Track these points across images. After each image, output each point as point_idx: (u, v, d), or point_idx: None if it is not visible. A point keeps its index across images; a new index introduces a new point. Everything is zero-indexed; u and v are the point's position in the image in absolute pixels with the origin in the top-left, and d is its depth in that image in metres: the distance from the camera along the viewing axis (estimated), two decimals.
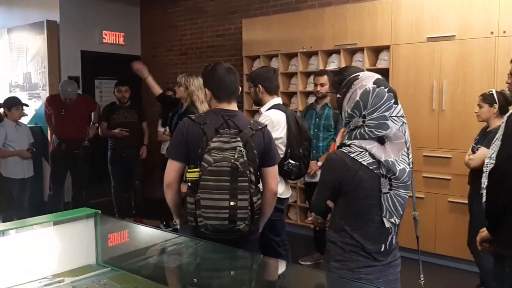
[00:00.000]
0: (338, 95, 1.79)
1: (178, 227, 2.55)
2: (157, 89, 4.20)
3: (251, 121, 2.31)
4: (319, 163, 3.92)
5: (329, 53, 4.91)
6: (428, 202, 4.20)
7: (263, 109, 3.15)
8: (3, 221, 4.06)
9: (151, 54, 7.14)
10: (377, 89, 1.68)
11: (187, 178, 2.17)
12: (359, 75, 1.76)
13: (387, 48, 4.45)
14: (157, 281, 1.90)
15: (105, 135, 5.54)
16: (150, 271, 2.05)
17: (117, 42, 6.95)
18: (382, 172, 1.66)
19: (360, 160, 1.66)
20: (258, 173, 2.28)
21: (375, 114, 1.66)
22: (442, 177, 4.14)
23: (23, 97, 6.45)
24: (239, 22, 5.86)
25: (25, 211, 4.64)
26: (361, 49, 4.63)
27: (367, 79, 1.71)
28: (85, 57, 6.56)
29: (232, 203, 2.06)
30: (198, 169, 2.10)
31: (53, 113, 5.21)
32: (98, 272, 2.00)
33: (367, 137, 1.67)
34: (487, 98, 3.34)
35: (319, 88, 4.07)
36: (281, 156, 3.00)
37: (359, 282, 1.61)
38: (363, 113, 1.68)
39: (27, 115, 5.74)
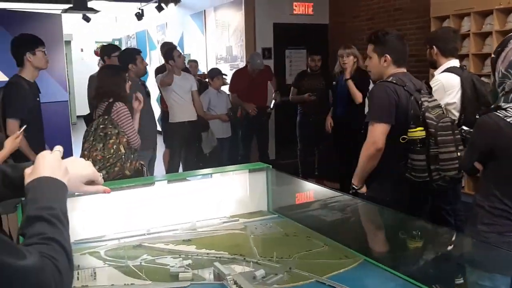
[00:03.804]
0: (492, 55, 1.70)
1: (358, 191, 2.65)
2: None
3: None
4: None
5: None
6: None
7: (437, 72, 3.04)
8: None
9: (338, 21, 7.27)
10: None
11: (410, 138, 2.25)
12: None
13: None
14: (316, 230, 2.13)
15: (295, 100, 5.97)
16: (312, 221, 2.29)
17: (306, 13, 7.28)
18: None
19: None
20: None
21: None
22: None
23: (225, 68, 7.37)
24: None
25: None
26: None
27: None
28: (277, 29, 7.08)
29: (458, 154, 2.24)
30: (421, 128, 2.22)
31: (240, 85, 5.85)
32: (266, 217, 2.35)
33: None
34: None
35: None
36: (455, 122, 2.89)
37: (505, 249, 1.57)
38: None
39: (227, 83, 6.57)
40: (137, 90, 4.13)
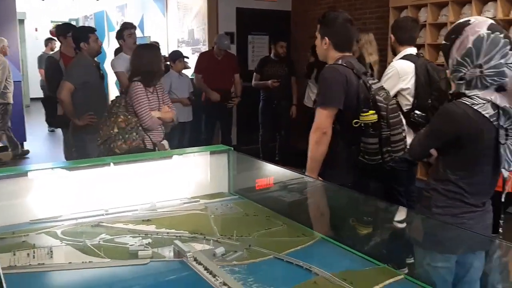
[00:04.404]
0: (444, 42, 1.77)
1: None
2: None
3: None
4: None
5: (484, 1, 4.49)
6: None
7: (394, 59, 3.14)
8: None
9: (301, 9, 7.31)
10: (492, 35, 1.62)
11: (362, 121, 2.23)
12: (470, 20, 1.70)
13: None
14: (274, 210, 2.18)
15: (258, 85, 5.98)
16: (272, 201, 2.33)
17: None
18: (500, 123, 1.64)
19: (483, 113, 1.65)
20: None
21: (492, 62, 1.62)
22: None
23: (187, 51, 7.27)
24: None
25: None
26: None
27: (480, 25, 1.65)
28: (240, 14, 7.05)
29: (403, 134, 2.30)
30: (373, 111, 2.22)
31: (205, 66, 5.81)
32: (227, 198, 2.37)
33: (488, 86, 1.64)
34: None
35: None
36: (408, 107, 2.99)
37: (459, 226, 1.66)
38: (479, 62, 1.64)
39: (190, 67, 6.50)
40: (89, 71, 4.04)
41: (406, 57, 3.07)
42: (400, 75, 2.99)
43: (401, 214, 1.95)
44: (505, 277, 1.57)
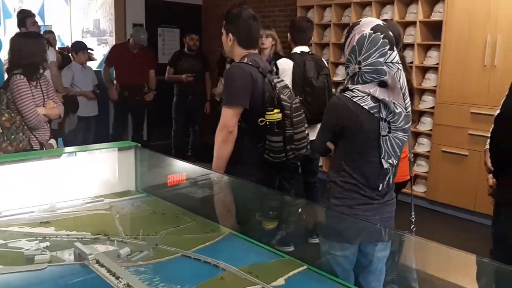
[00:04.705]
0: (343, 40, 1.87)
1: None
2: None
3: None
4: None
5: (383, 4, 4.80)
6: (471, 160, 4.14)
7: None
8: None
9: (212, 3, 7.28)
10: (373, 35, 1.73)
11: (268, 120, 2.24)
12: (360, 20, 1.82)
13: None
14: (185, 207, 2.16)
15: (171, 79, 5.83)
16: (181, 199, 2.31)
17: None
18: (381, 116, 1.74)
19: (362, 105, 1.74)
20: None
21: (370, 59, 1.72)
22: (488, 135, 4.03)
23: (93, 42, 6.93)
24: None
25: None
26: (416, 0, 4.49)
27: (367, 25, 1.76)
28: (149, 6, 6.84)
29: (307, 132, 2.35)
30: (277, 110, 2.23)
31: (119, 59, 5.59)
32: (134, 197, 2.30)
33: (369, 81, 1.75)
34: None
35: None
36: None
37: (355, 217, 1.76)
38: (358, 59, 1.74)
39: (95, 59, 6.19)
40: None
41: (291, 55, 3.27)
42: (281, 72, 3.16)
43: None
44: (407, 267, 1.69)
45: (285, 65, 3.29)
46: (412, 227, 2.45)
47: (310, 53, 3.43)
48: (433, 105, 4.49)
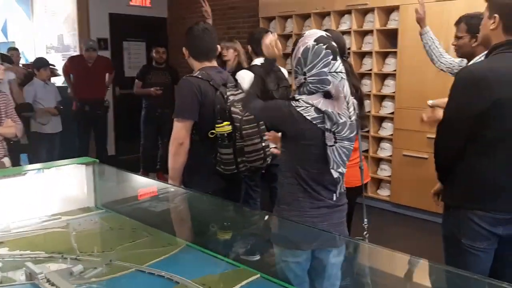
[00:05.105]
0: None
1: None
2: None
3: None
4: None
5: (341, 14, 4.93)
6: (431, 162, 4.24)
7: None
8: None
9: (177, 16, 7.32)
10: (316, 46, 1.79)
11: (218, 133, 2.29)
12: (304, 33, 1.89)
13: (397, 8, 4.43)
14: (143, 222, 2.16)
15: (140, 93, 5.80)
16: (139, 213, 2.32)
17: (144, 4, 7.16)
18: (326, 127, 1.79)
19: (305, 115, 1.79)
20: None
21: (314, 70, 1.78)
22: None
23: (57, 58, 6.86)
24: None
25: None
26: (372, 10, 4.63)
27: (310, 37, 1.83)
28: (113, 20, 6.83)
29: (263, 144, 2.38)
30: (227, 122, 2.28)
31: (75, 73, 5.57)
32: (92, 213, 2.30)
33: (314, 92, 1.81)
34: None
35: None
36: None
37: (304, 224, 1.80)
38: (304, 70, 1.80)
39: (60, 75, 6.13)
40: None
41: (251, 67, 3.32)
42: (239, 84, 3.22)
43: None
44: (360, 273, 1.74)
45: (246, 77, 3.32)
46: (365, 233, 2.51)
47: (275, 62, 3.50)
48: (393, 111, 4.63)
